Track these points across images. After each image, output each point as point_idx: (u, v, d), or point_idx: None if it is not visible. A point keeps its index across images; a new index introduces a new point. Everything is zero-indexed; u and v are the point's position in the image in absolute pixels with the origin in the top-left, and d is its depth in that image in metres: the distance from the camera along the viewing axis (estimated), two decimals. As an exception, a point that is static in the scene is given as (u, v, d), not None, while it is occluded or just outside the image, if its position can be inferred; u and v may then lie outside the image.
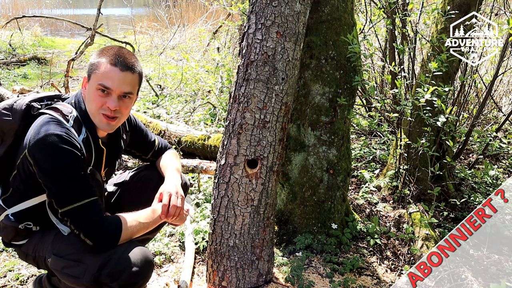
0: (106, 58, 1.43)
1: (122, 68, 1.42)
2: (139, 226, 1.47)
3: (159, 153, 1.89)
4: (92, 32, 5.39)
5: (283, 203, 2.38)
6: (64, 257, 1.43)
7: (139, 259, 1.39)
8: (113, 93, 1.43)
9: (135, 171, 1.92)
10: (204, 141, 3.65)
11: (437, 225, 2.62)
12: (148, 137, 1.85)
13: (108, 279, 1.36)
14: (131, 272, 1.36)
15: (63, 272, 1.42)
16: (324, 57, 2.16)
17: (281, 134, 1.85)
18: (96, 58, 1.45)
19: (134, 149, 1.83)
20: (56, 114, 1.43)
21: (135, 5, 14.75)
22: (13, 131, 1.49)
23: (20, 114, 1.48)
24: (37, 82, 6.37)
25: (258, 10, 1.75)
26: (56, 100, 1.56)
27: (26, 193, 1.49)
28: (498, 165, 3.64)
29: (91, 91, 1.44)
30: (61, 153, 1.35)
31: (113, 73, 1.41)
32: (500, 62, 2.78)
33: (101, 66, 1.42)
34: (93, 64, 1.44)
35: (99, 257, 1.38)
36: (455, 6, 2.58)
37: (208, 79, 5.38)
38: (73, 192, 1.37)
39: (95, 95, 1.43)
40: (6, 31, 9.34)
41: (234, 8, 4.42)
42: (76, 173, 1.38)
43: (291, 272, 2.06)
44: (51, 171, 1.35)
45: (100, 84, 1.41)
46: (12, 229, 1.53)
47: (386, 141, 3.76)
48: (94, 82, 1.43)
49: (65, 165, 1.35)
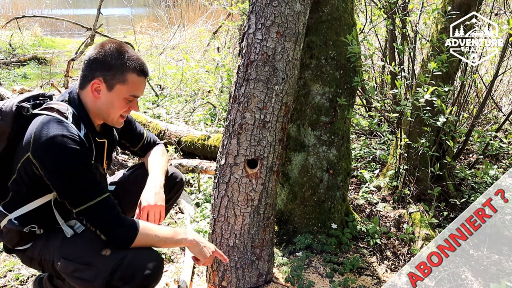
0: (132, 69, 1.46)
1: (146, 75, 1.52)
2: (157, 240, 1.47)
3: (147, 147, 1.89)
4: (92, 32, 5.40)
5: (283, 203, 2.38)
6: (74, 260, 1.42)
7: (150, 262, 1.40)
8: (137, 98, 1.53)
9: (131, 169, 1.93)
10: (204, 141, 3.65)
11: (437, 225, 2.62)
12: (138, 129, 1.86)
13: (120, 282, 1.36)
14: (143, 275, 1.37)
15: (73, 275, 1.42)
16: (324, 57, 2.16)
17: (281, 134, 1.85)
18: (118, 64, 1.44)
19: (124, 139, 1.83)
20: (54, 114, 1.42)
21: (135, 5, 14.74)
22: (5, 135, 1.46)
23: (11, 116, 1.45)
24: (37, 82, 6.37)
25: (258, 10, 1.75)
26: (42, 99, 1.54)
27: (28, 196, 1.48)
28: (498, 165, 3.64)
29: (116, 99, 1.48)
30: (69, 153, 1.34)
31: (142, 84, 1.51)
32: (500, 62, 2.78)
33: (128, 78, 1.46)
34: (115, 73, 1.45)
35: (110, 260, 1.38)
36: (455, 6, 2.58)
37: (208, 79, 5.39)
38: (86, 191, 1.37)
39: (121, 103, 1.49)
40: (6, 31, 9.34)
41: (234, 8, 4.42)
42: (85, 172, 1.38)
43: (291, 272, 2.06)
44: (61, 173, 1.35)
45: (131, 95, 1.49)
46: (17, 233, 1.51)
47: (386, 141, 3.76)
48: (122, 93, 1.47)
49: (74, 165, 1.35)
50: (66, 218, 1.56)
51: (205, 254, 1.58)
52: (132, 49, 1.51)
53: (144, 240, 1.44)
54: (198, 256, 1.58)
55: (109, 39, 1.54)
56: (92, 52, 1.47)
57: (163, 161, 1.84)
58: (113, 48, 1.46)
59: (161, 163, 1.81)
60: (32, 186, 1.45)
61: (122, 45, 1.49)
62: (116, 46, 1.47)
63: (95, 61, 1.45)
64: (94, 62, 1.45)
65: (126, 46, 1.50)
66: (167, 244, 1.55)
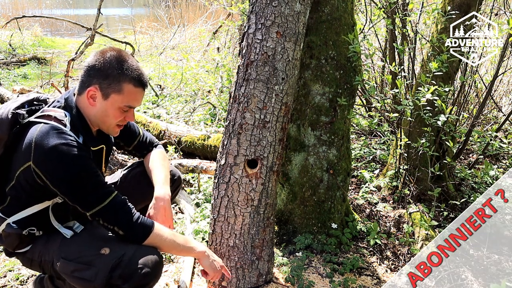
0: (129, 80, 1.45)
1: (144, 87, 1.50)
2: (168, 241, 1.50)
3: (143, 146, 1.87)
4: (92, 32, 5.39)
5: (283, 203, 2.38)
6: (74, 260, 1.43)
7: (150, 260, 1.40)
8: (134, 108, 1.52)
9: (128, 169, 1.92)
10: (204, 141, 3.65)
11: (437, 225, 2.62)
12: (132, 128, 1.83)
13: (119, 280, 1.37)
14: (142, 273, 1.37)
15: (73, 275, 1.42)
16: (324, 57, 2.16)
17: (281, 134, 1.85)
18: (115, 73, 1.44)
19: (118, 138, 1.81)
20: (52, 122, 1.41)
21: (135, 5, 14.75)
22: (2, 142, 1.46)
23: (7, 124, 1.44)
24: (37, 82, 6.37)
25: (258, 10, 1.75)
26: (37, 103, 1.54)
27: (28, 202, 1.48)
28: (498, 165, 3.64)
29: (110, 108, 1.47)
30: (74, 160, 1.35)
31: (139, 95, 1.50)
32: (500, 62, 2.78)
33: (124, 88, 1.45)
34: (111, 82, 1.44)
35: (109, 259, 1.39)
36: (455, 6, 2.58)
37: (208, 79, 5.39)
38: (95, 194, 1.39)
39: (116, 113, 1.49)
40: (6, 31, 9.34)
41: (234, 8, 4.43)
42: (91, 176, 1.39)
43: (291, 272, 2.06)
44: (68, 181, 1.36)
45: (126, 106, 1.48)
46: (16, 236, 1.51)
47: (386, 141, 3.76)
48: (116, 102, 1.46)
49: (80, 171, 1.37)
50: (63, 221, 1.56)
51: (215, 267, 1.61)
52: (132, 59, 1.50)
53: (157, 239, 1.47)
54: (208, 269, 1.60)
55: (111, 47, 1.53)
56: (92, 59, 1.47)
57: (166, 168, 1.81)
58: (113, 56, 1.45)
59: (164, 172, 1.78)
60: (33, 193, 1.45)
61: (122, 54, 1.48)
62: (116, 54, 1.46)
63: (93, 68, 1.45)
64: (92, 69, 1.45)
65: (126, 55, 1.48)
66: (177, 249, 1.56)
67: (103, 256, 1.40)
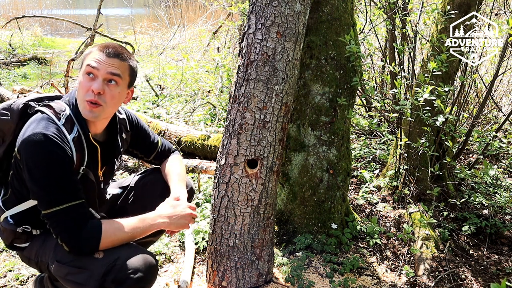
0: (97, 47, 1.47)
1: (109, 54, 1.44)
2: (124, 236, 1.43)
3: (162, 155, 1.87)
4: (92, 32, 5.40)
5: (283, 203, 2.38)
6: (67, 263, 1.41)
7: (143, 264, 1.38)
8: (99, 75, 1.42)
9: (141, 174, 1.90)
10: (204, 141, 3.65)
11: (437, 225, 2.62)
12: (151, 138, 1.83)
13: (112, 285, 1.35)
14: (135, 277, 1.35)
15: (66, 278, 1.41)
16: (324, 57, 2.17)
17: (281, 134, 1.85)
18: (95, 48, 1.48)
19: (136, 149, 1.81)
20: (49, 112, 1.43)
21: (135, 5, 14.75)
22: (11, 131, 1.49)
23: (18, 113, 1.48)
24: (37, 82, 6.37)
25: (258, 10, 1.75)
26: (51, 98, 1.55)
27: (22, 194, 1.48)
28: (498, 165, 3.64)
29: (81, 79, 1.45)
30: (45, 153, 1.33)
31: (100, 56, 1.43)
32: (500, 62, 2.78)
33: (91, 53, 1.46)
34: (85, 54, 1.48)
35: (103, 263, 1.37)
36: (455, 6, 2.59)
37: (208, 79, 5.39)
38: (54, 194, 1.35)
39: (83, 81, 1.43)
40: (6, 31, 9.34)
41: (234, 8, 4.42)
42: (58, 175, 1.35)
43: (291, 272, 2.06)
44: (33, 171, 1.34)
45: (87, 66, 1.42)
46: (11, 232, 1.51)
47: (386, 141, 3.76)
48: (83, 68, 1.45)
49: (47, 166, 1.33)
50: None
51: (183, 224, 1.56)
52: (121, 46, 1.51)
53: (111, 241, 1.40)
54: (179, 229, 1.57)
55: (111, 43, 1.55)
56: None
57: (183, 170, 1.81)
58: None
59: (182, 173, 1.78)
60: (23, 183, 1.44)
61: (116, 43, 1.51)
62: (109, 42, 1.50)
63: None
64: None
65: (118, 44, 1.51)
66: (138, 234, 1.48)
67: (96, 260, 1.38)
